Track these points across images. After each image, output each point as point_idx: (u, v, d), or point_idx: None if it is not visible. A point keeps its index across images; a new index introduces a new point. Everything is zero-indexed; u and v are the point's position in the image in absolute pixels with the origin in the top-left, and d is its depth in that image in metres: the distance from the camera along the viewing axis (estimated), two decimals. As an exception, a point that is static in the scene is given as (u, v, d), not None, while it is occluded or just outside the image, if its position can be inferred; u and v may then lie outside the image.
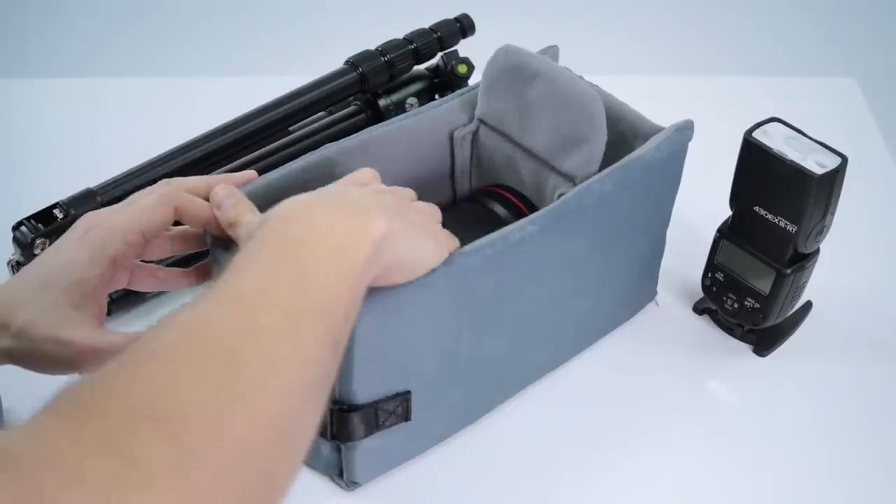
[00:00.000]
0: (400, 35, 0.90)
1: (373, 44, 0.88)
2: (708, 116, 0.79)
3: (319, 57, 0.69)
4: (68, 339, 0.58)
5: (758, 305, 0.74)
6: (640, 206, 0.72)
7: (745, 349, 0.79)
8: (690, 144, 0.72)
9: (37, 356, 0.59)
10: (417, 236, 0.58)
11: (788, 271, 0.72)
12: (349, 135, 0.73)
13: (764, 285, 0.73)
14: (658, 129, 0.72)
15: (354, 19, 1.95)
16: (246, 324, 0.45)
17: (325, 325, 0.48)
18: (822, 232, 0.71)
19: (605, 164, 0.69)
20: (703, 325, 0.81)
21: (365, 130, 0.74)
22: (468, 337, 0.66)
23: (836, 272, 0.80)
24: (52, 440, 0.38)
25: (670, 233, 0.78)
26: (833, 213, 0.70)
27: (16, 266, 0.75)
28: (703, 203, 0.78)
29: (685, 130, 0.71)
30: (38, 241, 0.74)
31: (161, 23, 2.08)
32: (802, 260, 0.72)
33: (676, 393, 0.76)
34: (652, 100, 0.76)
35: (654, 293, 0.82)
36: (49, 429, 0.38)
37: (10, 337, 0.58)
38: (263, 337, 0.45)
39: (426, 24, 0.91)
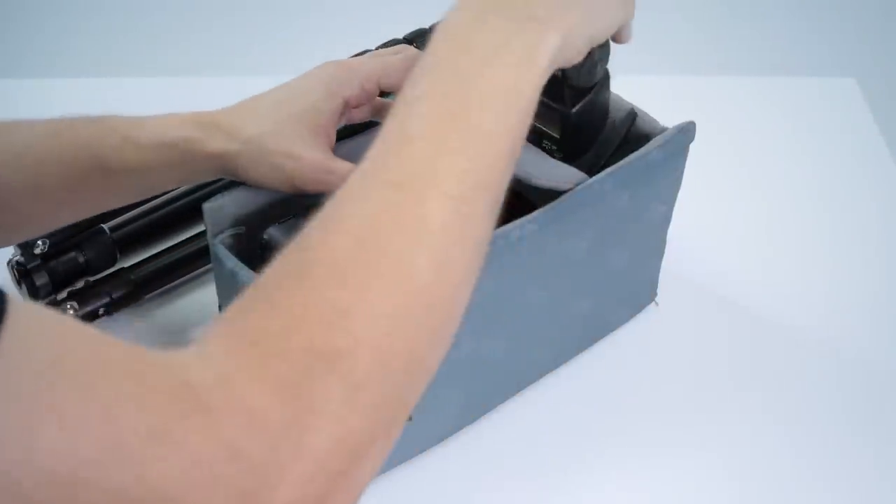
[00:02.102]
0: (400, 35, 0.90)
1: (373, 44, 0.88)
2: (709, 116, 0.78)
3: (319, 57, 0.69)
4: (299, 154, 0.60)
5: (555, 147, 0.70)
6: (640, 205, 0.72)
7: (745, 351, 0.79)
8: (692, 145, 0.72)
9: (261, 166, 0.61)
10: (599, 11, 0.53)
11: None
12: (349, 135, 0.73)
13: (555, 130, 0.70)
14: (660, 130, 0.72)
15: (355, 19, 1.95)
16: (413, 223, 0.43)
17: (491, 193, 0.46)
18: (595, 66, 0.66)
19: (606, 163, 0.69)
20: (704, 326, 0.81)
21: (366, 131, 0.73)
22: (467, 337, 0.66)
23: (836, 272, 0.80)
24: (236, 382, 0.38)
25: (670, 233, 0.78)
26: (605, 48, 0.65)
27: (16, 266, 0.75)
28: (703, 203, 0.78)
29: (687, 131, 0.71)
30: (37, 242, 0.74)
31: (161, 23, 2.08)
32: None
33: (676, 394, 0.76)
34: (653, 100, 0.76)
35: (654, 294, 0.82)
36: (231, 368, 0.39)
37: (238, 142, 0.61)
38: (432, 239, 0.43)
39: (426, 24, 0.90)
